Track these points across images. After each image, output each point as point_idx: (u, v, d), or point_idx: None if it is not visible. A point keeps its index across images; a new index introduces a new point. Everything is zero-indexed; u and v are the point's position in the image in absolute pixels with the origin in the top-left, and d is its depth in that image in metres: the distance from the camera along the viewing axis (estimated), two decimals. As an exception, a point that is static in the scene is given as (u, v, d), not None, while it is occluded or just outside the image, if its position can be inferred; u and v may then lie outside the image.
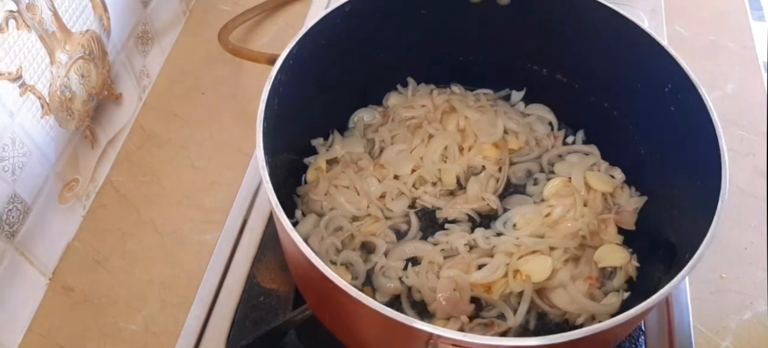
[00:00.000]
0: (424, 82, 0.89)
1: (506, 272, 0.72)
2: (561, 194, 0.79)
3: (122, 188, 0.88)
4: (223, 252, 0.81)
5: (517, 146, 0.84)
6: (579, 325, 0.71)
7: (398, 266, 0.74)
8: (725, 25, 1.10)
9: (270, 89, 0.63)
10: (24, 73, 0.69)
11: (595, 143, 0.85)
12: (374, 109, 0.88)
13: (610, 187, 0.79)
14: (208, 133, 0.94)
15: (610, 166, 0.82)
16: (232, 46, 0.93)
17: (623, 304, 0.72)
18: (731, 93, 1.00)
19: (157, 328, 0.76)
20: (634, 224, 0.77)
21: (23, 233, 0.72)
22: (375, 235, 0.77)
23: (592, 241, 0.75)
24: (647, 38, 0.69)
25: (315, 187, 0.80)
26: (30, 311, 0.76)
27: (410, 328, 0.50)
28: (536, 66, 0.84)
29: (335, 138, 0.84)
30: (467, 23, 0.80)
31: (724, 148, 0.60)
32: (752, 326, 0.77)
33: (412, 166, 0.82)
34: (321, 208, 0.79)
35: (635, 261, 0.74)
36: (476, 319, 0.70)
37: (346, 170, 0.81)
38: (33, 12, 0.69)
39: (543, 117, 0.87)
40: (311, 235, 0.76)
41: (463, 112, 0.85)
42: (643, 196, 0.77)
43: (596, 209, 0.78)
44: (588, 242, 0.75)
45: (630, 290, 0.73)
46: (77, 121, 0.80)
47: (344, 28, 0.73)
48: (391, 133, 0.85)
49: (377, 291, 0.74)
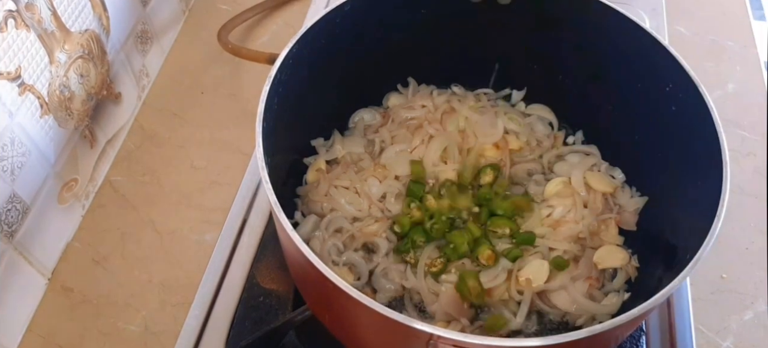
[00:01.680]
0: (424, 81, 0.89)
1: (507, 276, 0.72)
2: (561, 195, 0.79)
3: (121, 188, 0.88)
4: (223, 252, 0.81)
5: (517, 146, 0.84)
6: (579, 326, 0.71)
7: (399, 268, 0.74)
8: (726, 24, 1.10)
9: (270, 88, 0.63)
10: (23, 73, 0.69)
11: (595, 143, 0.85)
12: (375, 110, 0.87)
13: (611, 187, 0.79)
14: (208, 132, 0.94)
15: (611, 166, 0.82)
16: (232, 46, 0.93)
17: (623, 305, 0.72)
18: (732, 93, 1.00)
19: (156, 329, 0.76)
20: (634, 225, 0.76)
21: (22, 233, 0.72)
22: (376, 235, 0.76)
23: (592, 242, 0.75)
24: (648, 38, 0.69)
25: (315, 188, 0.80)
26: (29, 312, 0.76)
27: (410, 328, 0.50)
28: (536, 66, 0.84)
29: (335, 138, 0.84)
30: (468, 23, 0.80)
31: (726, 148, 0.60)
32: (753, 326, 0.77)
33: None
34: (321, 208, 0.78)
35: (635, 261, 0.74)
36: (477, 321, 0.70)
37: (346, 171, 0.80)
38: (32, 11, 0.68)
39: (543, 117, 0.87)
40: (312, 236, 0.76)
41: (462, 112, 0.85)
42: (644, 197, 0.77)
43: (597, 210, 0.77)
44: (588, 243, 0.75)
45: (630, 290, 0.73)
46: (76, 121, 0.80)
47: (344, 27, 0.73)
48: (391, 134, 0.84)
49: (378, 292, 0.73)
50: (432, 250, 0.74)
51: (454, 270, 0.73)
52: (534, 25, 0.79)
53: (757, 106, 0.98)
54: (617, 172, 0.81)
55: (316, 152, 0.83)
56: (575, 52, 0.78)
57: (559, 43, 0.79)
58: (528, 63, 0.84)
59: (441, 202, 0.78)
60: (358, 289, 0.51)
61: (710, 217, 0.56)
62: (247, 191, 0.87)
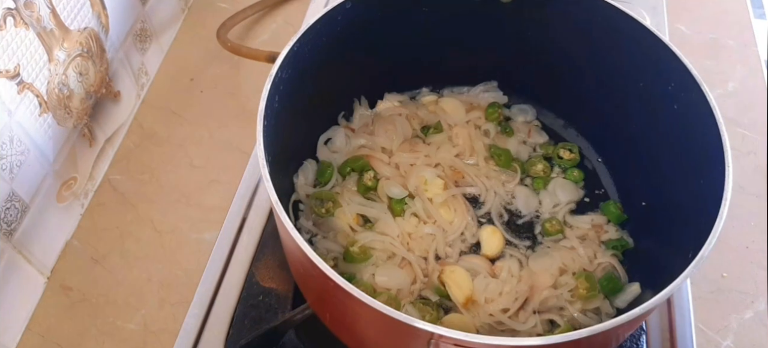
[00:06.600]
0: (425, 81, 0.89)
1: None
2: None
3: (120, 187, 0.88)
4: (222, 251, 0.81)
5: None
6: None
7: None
8: (726, 23, 1.10)
9: (271, 87, 0.63)
10: (22, 71, 0.68)
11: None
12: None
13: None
14: (207, 131, 0.94)
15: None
16: (231, 44, 0.92)
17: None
18: (732, 91, 1.00)
19: (155, 327, 0.76)
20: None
21: (21, 232, 0.72)
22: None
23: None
24: (650, 36, 0.69)
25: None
26: (28, 310, 0.76)
27: (412, 327, 0.50)
28: (537, 65, 0.84)
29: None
30: (468, 21, 0.80)
31: (728, 147, 0.60)
32: (753, 325, 0.77)
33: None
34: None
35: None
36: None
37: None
38: (31, 9, 0.68)
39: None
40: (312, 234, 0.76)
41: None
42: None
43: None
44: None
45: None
46: (75, 119, 0.80)
47: (345, 25, 0.73)
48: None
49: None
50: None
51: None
52: (535, 23, 0.78)
53: (757, 105, 0.98)
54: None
55: (315, 150, 0.83)
56: (576, 50, 0.78)
57: (559, 42, 0.79)
58: (528, 62, 0.84)
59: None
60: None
61: (712, 216, 0.56)
62: (247, 190, 0.86)
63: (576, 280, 0.73)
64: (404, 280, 0.72)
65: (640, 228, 0.77)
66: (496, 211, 0.80)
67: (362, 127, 0.85)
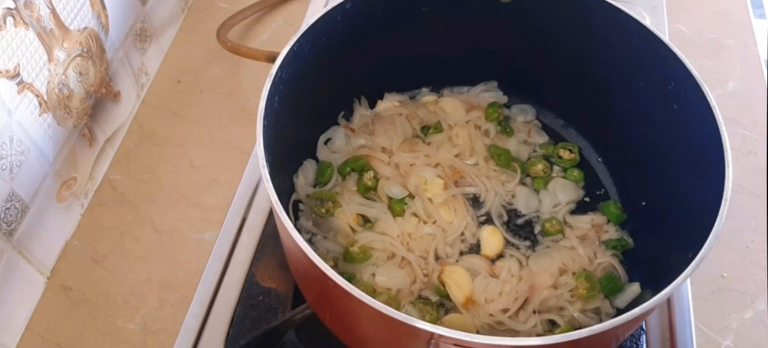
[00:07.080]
0: (425, 80, 0.89)
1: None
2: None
3: (120, 187, 0.88)
4: (222, 251, 0.81)
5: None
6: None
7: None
8: (726, 22, 1.10)
9: (271, 86, 0.63)
10: (22, 71, 0.68)
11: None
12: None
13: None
14: (207, 131, 0.94)
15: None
16: (231, 44, 0.92)
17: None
18: (732, 91, 1.00)
19: (155, 327, 0.76)
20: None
21: (21, 232, 0.72)
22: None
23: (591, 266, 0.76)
24: (650, 35, 0.69)
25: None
26: (28, 310, 0.76)
27: (412, 327, 0.50)
28: (537, 64, 0.84)
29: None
30: (468, 20, 0.80)
31: (728, 147, 0.60)
32: (753, 325, 0.77)
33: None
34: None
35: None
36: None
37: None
38: (31, 9, 0.68)
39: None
40: (312, 234, 0.76)
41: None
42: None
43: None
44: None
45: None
46: (75, 119, 0.80)
47: (345, 25, 0.73)
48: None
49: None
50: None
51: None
52: (535, 22, 0.78)
53: (757, 105, 0.98)
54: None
55: (315, 150, 0.83)
56: (576, 50, 0.78)
57: (559, 41, 0.79)
58: (528, 62, 0.84)
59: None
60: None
61: (712, 216, 0.56)
62: (247, 190, 0.86)
63: (576, 280, 0.72)
64: (404, 280, 0.72)
65: (640, 228, 0.77)
66: (496, 211, 0.80)
67: (362, 127, 0.85)
